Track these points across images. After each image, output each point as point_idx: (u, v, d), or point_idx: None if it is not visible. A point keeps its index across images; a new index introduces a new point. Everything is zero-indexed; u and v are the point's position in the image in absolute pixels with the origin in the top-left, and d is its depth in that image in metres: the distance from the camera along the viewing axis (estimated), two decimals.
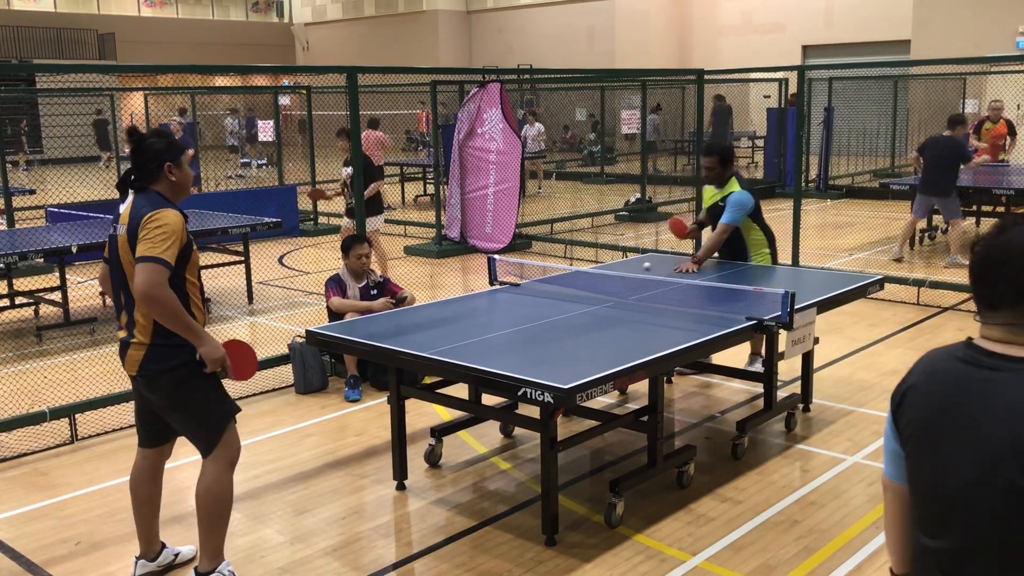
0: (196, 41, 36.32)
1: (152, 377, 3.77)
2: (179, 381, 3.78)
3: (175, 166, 3.81)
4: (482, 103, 12.25)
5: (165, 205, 3.72)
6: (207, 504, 3.86)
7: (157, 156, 3.77)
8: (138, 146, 3.80)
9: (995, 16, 21.37)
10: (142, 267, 3.55)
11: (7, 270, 8.83)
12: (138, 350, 3.76)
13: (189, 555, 4.29)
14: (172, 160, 3.81)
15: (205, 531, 3.89)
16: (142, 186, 3.79)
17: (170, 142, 3.84)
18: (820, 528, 4.47)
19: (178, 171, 3.82)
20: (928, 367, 1.98)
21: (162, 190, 3.79)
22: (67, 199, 14.74)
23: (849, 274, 6.60)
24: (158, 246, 3.57)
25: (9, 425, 5.62)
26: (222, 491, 3.88)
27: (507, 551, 4.30)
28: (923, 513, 1.96)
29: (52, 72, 28.87)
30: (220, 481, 3.88)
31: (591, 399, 3.97)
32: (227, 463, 3.92)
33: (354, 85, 7.19)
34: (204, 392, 3.85)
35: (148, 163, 3.77)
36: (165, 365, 3.74)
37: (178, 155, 3.84)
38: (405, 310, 6.04)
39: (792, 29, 28.80)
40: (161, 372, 3.76)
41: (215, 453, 3.88)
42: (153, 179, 3.79)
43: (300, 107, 22.02)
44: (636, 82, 19.01)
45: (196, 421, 3.87)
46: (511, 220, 12.30)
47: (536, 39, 32.74)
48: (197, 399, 3.84)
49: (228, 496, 3.92)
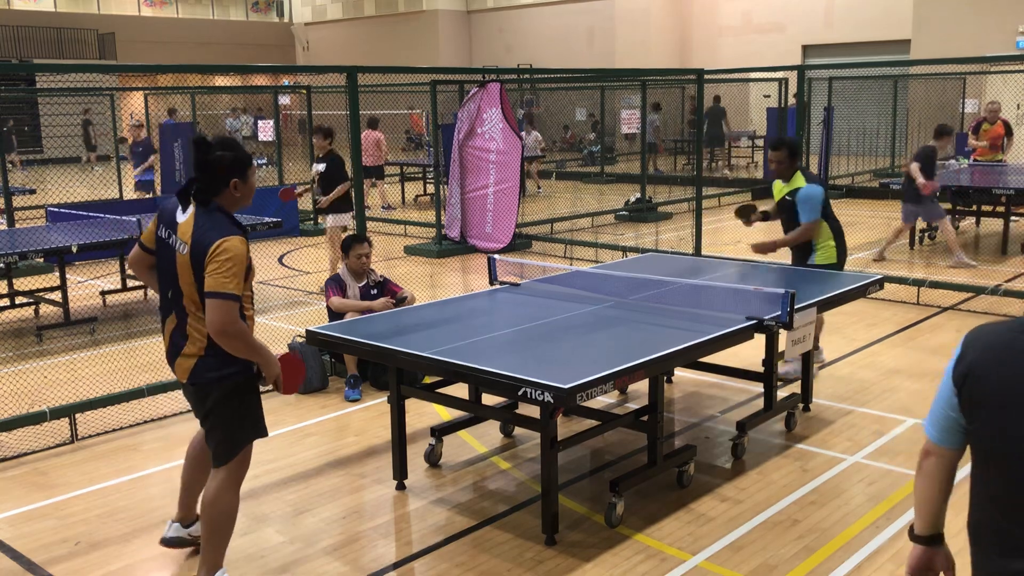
0: (196, 41, 36.31)
1: (203, 384, 3.78)
2: (228, 391, 3.80)
3: (241, 181, 3.71)
4: (482, 103, 12.25)
5: (231, 230, 3.61)
6: (212, 516, 3.86)
7: (226, 171, 3.67)
8: (205, 159, 3.67)
9: (995, 16, 21.36)
10: (215, 305, 3.52)
11: (7, 270, 8.83)
12: (189, 359, 3.75)
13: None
14: (240, 175, 3.70)
15: (207, 541, 3.89)
16: (205, 199, 3.68)
17: (237, 155, 3.71)
18: (820, 528, 4.47)
19: (243, 186, 3.73)
20: (988, 343, 2.08)
21: (224, 204, 3.70)
22: (67, 199, 14.75)
23: (849, 274, 6.60)
24: (229, 281, 3.52)
25: (9, 425, 5.62)
26: (229, 503, 3.88)
27: (507, 551, 4.30)
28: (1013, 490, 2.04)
29: (52, 72, 28.83)
30: (228, 492, 3.87)
31: (591, 399, 3.98)
32: (237, 478, 3.92)
33: (354, 85, 7.19)
34: (248, 405, 3.89)
35: (215, 177, 3.66)
36: (218, 374, 3.74)
37: (245, 169, 3.73)
38: (405, 310, 6.04)
39: (792, 29, 28.79)
40: (213, 381, 3.76)
41: (230, 465, 3.88)
42: (217, 193, 3.68)
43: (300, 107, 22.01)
44: (636, 82, 19.00)
45: (228, 430, 3.87)
46: (511, 220, 12.30)
47: (536, 39, 32.73)
48: (239, 410, 3.86)
49: (233, 510, 3.91)
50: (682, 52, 31.74)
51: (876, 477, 5.04)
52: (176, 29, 36.89)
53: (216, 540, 3.87)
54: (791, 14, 28.84)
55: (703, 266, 6.97)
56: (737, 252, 11.39)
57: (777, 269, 6.75)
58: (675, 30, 31.74)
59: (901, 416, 5.94)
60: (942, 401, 2.20)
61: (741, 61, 27.72)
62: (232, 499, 3.89)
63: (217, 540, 3.88)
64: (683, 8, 31.71)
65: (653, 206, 15.56)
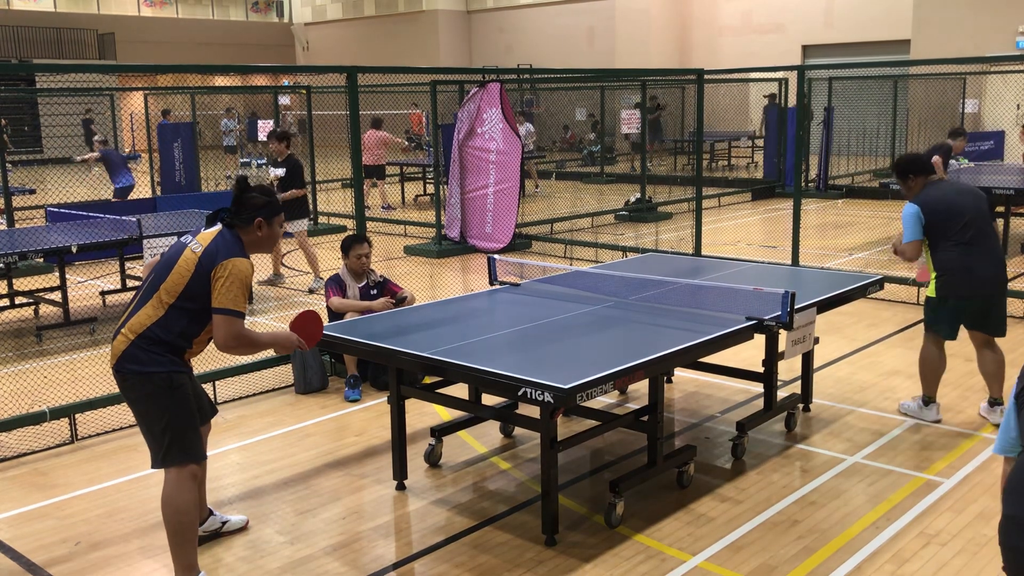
0: (196, 41, 36.31)
1: (124, 374, 3.84)
2: (148, 391, 3.83)
3: (266, 225, 4.02)
4: (482, 103, 12.25)
5: (239, 253, 3.88)
6: (166, 516, 3.87)
7: (254, 209, 3.99)
8: (241, 194, 4.00)
9: (995, 16, 21.36)
10: (223, 320, 3.77)
11: (7, 270, 8.83)
12: (122, 342, 3.85)
13: (238, 524, 4.51)
14: (265, 218, 4.01)
15: (171, 544, 3.89)
16: (232, 224, 3.98)
17: (270, 201, 4.05)
18: (820, 528, 4.47)
19: (267, 229, 4.03)
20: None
21: (245, 238, 3.99)
22: (67, 199, 14.74)
23: (849, 274, 6.60)
24: (237, 298, 3.79)
25: (9, 425, 5.62)
26: (181, 503, 3.86)
27: (507, 551, 4.30)
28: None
29: (52, 72, 28.82)
30: (176, 492, 3.86)
31: (591, 399, 3.97)
32: (185, 474, 3.89)
33: (354, 85, 7.19)
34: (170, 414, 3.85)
35: (244, 211, 3.98)
36: (139, 368, 3.81)
37: (272, 216, 4.04)
38: (405, 310, 6.04)
39: (792, 29, 28.79)
40: (133, 374, 3.82)
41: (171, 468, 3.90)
42: (242, 225, 3.99)
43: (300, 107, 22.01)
44: (636, 82, 19.01)
45: (153, 430, 3.89)
46: (511, 220, 12.30)
47: (536, 39, 32.73)
48: (160, 411, 3.85)
49: (188, 507, 3.88)
50: (682, 52, 31.74)
51: (876, 477, 5.04)
52: (176, 29, 36.88)
53: (180, 541, 3.87)
54: (791, 14, 28.84)
55: (703, 266, 6.97)
56: (737, 252, 11.40)
57: (777, 269, 6.75)
58: (675, 30, 31.74)
59: (901, 416, 5.94)
60: (1007, 418, 2.68)
61: (741, 61, 27.73)
62: (185, 497, 3.86)
63: (181, 541, 3.87)
64: (683, 8, 31.71)
65: (653, 206, 15.56)
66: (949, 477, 5.01)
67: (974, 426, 5.75)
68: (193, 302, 3.81)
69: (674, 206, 15.88)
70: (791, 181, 17.12)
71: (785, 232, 11.36)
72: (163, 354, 3.81)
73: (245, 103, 28.60)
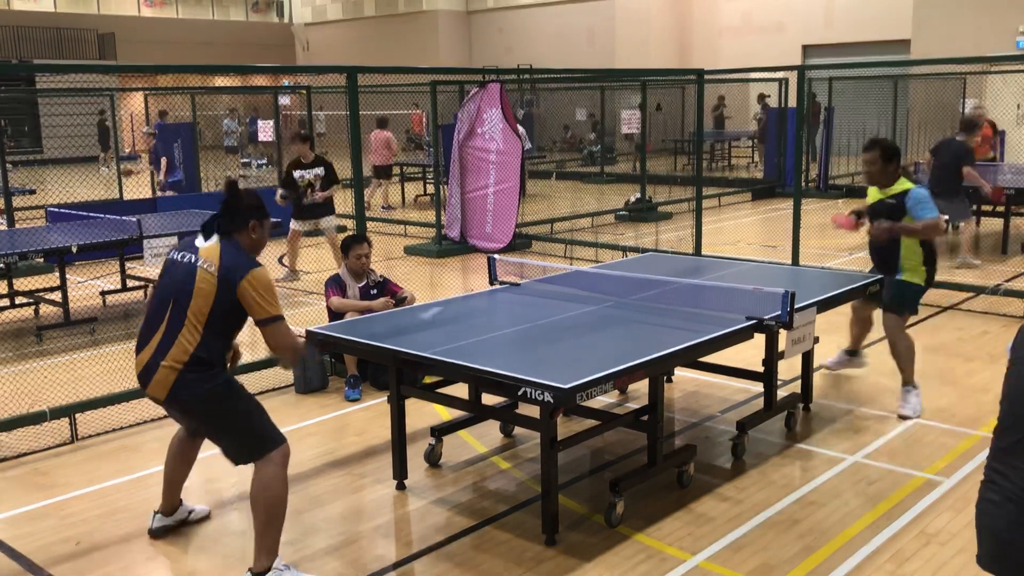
0: (196, 41, 36.30)
1: (183, 402, 3.97)
2: (215, 403, 3.98)
3: (260, 225, 4.10)
4: (482, 103, 12.25)
5: (253, 262, 4.00)
6: (263, 503, 3.95)
7: (248, 210, 4.07)
8: (233, 198, 4.07)
9: (995, 16, 21.35)
10: (275, 329, 3.94)
11: (7, 270, 8.83)
12: (169, 373, 3.91)
13: (202, 513, 4.62)
14: (259, 219, 4.10)
15: (261, 529, 3.96)
16: (228, 232, 4.03)
17: (260, 204, 4.14)
18: (820, 528, 4.47)
19: (260, 231, 4.11)
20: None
21: (243, 242, 4.05)
22: (67, 199, 14.74)
23: (849, 274, 6.60)
24: (275, 306, 3.94)
25: (9, 425, 5.62)
26: (277, 489, 3.97)
27: (507, 551, 4.30)
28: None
29: (52, 72, 28.83)
30: (275, 480, 3.97)
31: (591, 399, 3.98)
32: (280, 462, 4.02)
33: (354, 85, 7.18)
34: (243, 414, 4.04)
35: (238, 213, 4.05)
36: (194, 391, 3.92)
37: (264, 216, 4.13)
38: (405, 310, 6.04)
39: (792, 29, 28.78)
40: (192, 398, 3.95)
41: (267, 456, 4.00)
42: (237, 229, 4.05)
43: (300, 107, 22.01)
44: (636, 82, 19.00)
45: (237, 435, 4.06)
46: (511, 220, 12.30)
47: (536, 39, 32.73)
48: (237, 413, 4.03)
49: (284, 494, 4.00)
50: (682, 52, 31.74)
51: (876, 477, 5.04)
52: (176, 29, 36.88)
53: (272, 527, 3.95)
54: (791, 14, 28.84)
55: (703, 266, 6.97)
56: (737, 252, 11.39)
57: (777, 269, 6.75)
58: (675, 30, 31.74)
59: (901, 416, 5.93)
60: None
61: (741, 61, 27.69)
62: (281, 484, 3.99)
63: (273, 527, 3.95)
64: (683, 8, 31.70)
65: (653, 206, 15.56)
66: (949, 477, 5.01)
67: (974, 426, 5.75)
68: (222, 320, 3.95)
69: (674, 206, 15.88)
70: (791, 181, 17.12)
71: (785, 232, 11.34)
72: (211, 368, 3.94)
73: (245, 103, 28.58)
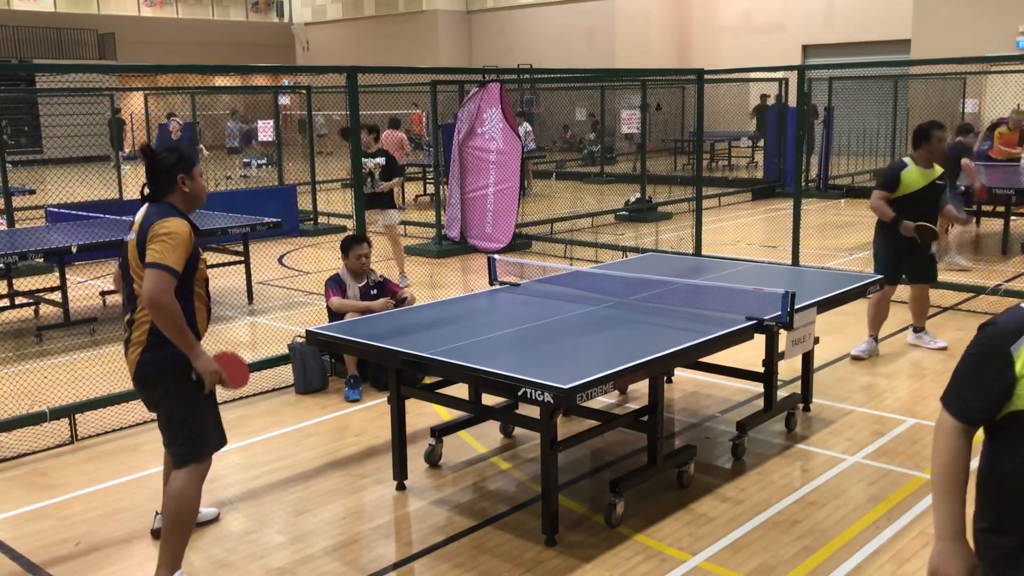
0: (196, 41, 36.31)
1: (147, 376, 3.87)
2: (172, 384, 3.86)
3: (188, 177, 3.91)
4: (482, 103, 12.25)
5: (174, 214, 3.81)
6: (172, 511, 3.89)
7: (170, 169, 3.88)
8: (151, 161, 3.89)
9: (995, 16, 21.36)
10: (150, 273, 3.65)
11: (7, 270, 8.83)
12: (135, 350, 3.86)
13: (209, 516, 4.58)
14: (185, 172, 3.90)
15: (165, 538, 3.90)
16: (156, 198, 3.89)
17: (180, 155, 3.93)
18: (820, 528, 4.47)
19: (191, 182, 3.92)
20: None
21: (175, 201, 3.90)
22: (67, 199, 14.74)
23: (849, 274, 6.60)
24: (168, 255, 3.66)
25: (9, 425, 5.62)
26: (187, 500, 3.89)
27: (507, 551, 4.30)
28: None
29: (52, 72, 28.82)
30: (187, 489, 3.89)
31: (591, 399, 3.97)
32: (199, 476, 3.95)
33: (354, 85, 7.18)
34: (194, 404, 3.90)
35: (161, 176, 3.88)
36: (158, 365, 3.82)
37: (190, 167, 3.93)
38: (405, 310, 6.04)
39: (792, 29, 28.80)
40: (155, 372, 3.84)
41: (190, 467, 3.93)
42: (167, 191, 3.89)
43: (300, 107, 22.02)
44: (636, 82, 19.01)
45: (176, 430, 3.93)
46: (511, 220, 12.31)
47: (536, 39, 32.73)
48: (185, 408, 3.89)
49: (194, 506, 3.93)
50: (682, 52, 31.75)
51: (876, 477, 5.04)
52: (176, 29, 36.89)
53: (176, 538, 3.89)
54: (791, 14, 28.85)
55: (703, 266, 6.97)
56: (737, 252, 11.39)
57: (777, 269, 6.75)
58: (675, 30, 31.75)
59: (901, 416, 5.94)
60: None
61: (741, 61, 27.71)
62: (192, 495, 3.91)
63: (176, 538, 3.89)
64: (683, 8, 31.71)
65: (653, 206, 15.56)
66: None
67: None
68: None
69: (674, 206, 15.89)
70: (791, 181, 17.12)
71: (785, 232, 11.35)
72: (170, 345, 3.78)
73: (245, 103, 28.59)
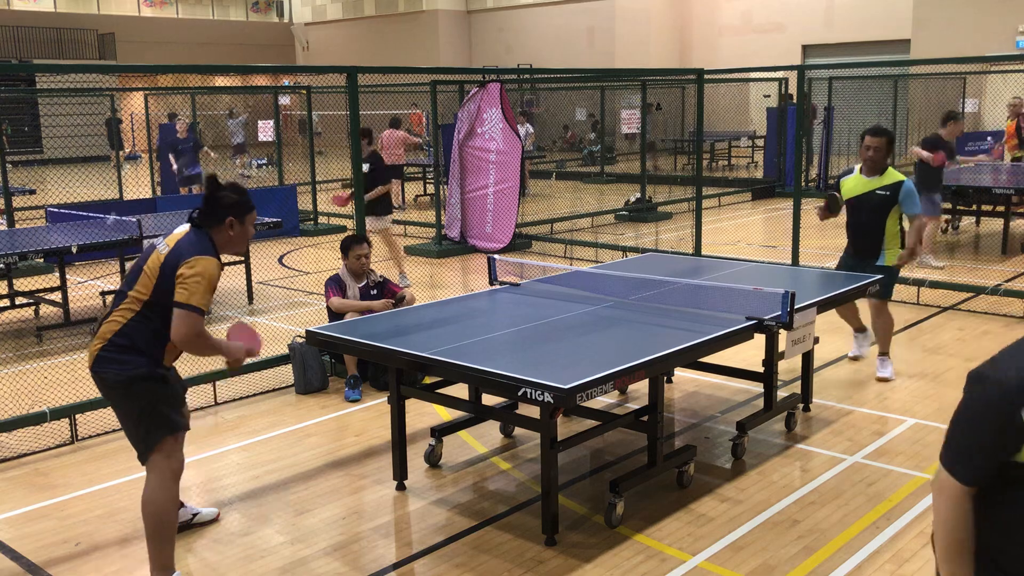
0: (196, 41, 36.31)
1: (102, 375, 3.86)
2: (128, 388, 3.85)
3: (238, 223, 3.95)
4: (482, 103, 12.25)
5: (209, 252, 3.83)
6: (147, 515, 3.88)
7: (225, 208, 3.92)
8: (212, 193, 3.93)
9: (995, 16, 21.36)
10: (180, 315, 3.71)
11: (7, 270, 8.83)
12: (97, 343, 3.86)
13: (208, 516, 4.59)
14: (237, 216, 3.94)
15: (149, 542, 3.90)
16: (202, 225, 3.92)
17: (241, 200, 3.96)
18: (820, 528, 4.47)
19: (239, 228, 3.97)
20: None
21: (216, 237, 3.92)
22: (67, 199, 14.74)
23: (849, 274, 6.59)
24: (196, 296, 3.72)
25: (9, 425, 5.62)
26: (162, 502, 3.88)
27: (507, 551, 4.30)
28: None
29: (52, 72, 28.81)
30: (160, 490, 3.88)
31: (591, 399, 3.97)
32: (168, 474, 3.92)
33: (354, 85, 7.19)
34: (152, 399, 3.89)
35: (216, 209, 3.92)
36: (117, 369, 3.82)
37: (243, 215, 3.97)
38: (405, 310, 6.04)
39: (792, 29, 28.81)
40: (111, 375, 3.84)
41: (153, 461, 3.91)
42: (213, 225, 3.92)
43: (300, 107, 22.02)
44: (636, 82, 19.01)
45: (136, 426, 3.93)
46: (511, 220, 12.31)
47: (536, 39, 32.73)
48: (142, 405, 3.88)
49: (169, 507, 3.91)
50: (682, 52, 31.76)
51: (876, 477, 5.04)
52: (176, 29, 36.89)
53: (158, 540, 3.89)
54: (791, 14, 28.86)
55: (703, 266, 6.97)
56: (737, 252, 11.40)
57: (777, 269, 6.75)
58: (675, 30, 31.76)
59: (901, 416, 5.94)
60: None
61: (741, 61, 27.74)
62: (166, 496, 3.90)
63: (159, 540, 3.89)
64: (683, 8, 31.72)
65: (653, 206, 15.56)
66: None
67: None
68: (161, 307, 3.79)
69: (674, 206, 15.89)
70: (791, 181, 17.12)
71: (785, 232, 11.35)
72: (127, 353, 3.81)
73: (245, 103, 28.61)
